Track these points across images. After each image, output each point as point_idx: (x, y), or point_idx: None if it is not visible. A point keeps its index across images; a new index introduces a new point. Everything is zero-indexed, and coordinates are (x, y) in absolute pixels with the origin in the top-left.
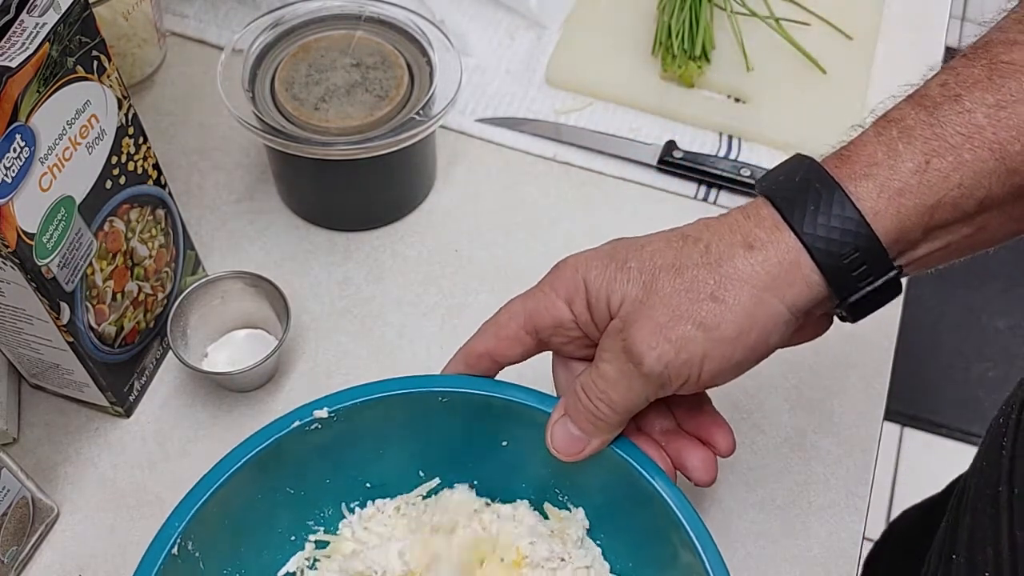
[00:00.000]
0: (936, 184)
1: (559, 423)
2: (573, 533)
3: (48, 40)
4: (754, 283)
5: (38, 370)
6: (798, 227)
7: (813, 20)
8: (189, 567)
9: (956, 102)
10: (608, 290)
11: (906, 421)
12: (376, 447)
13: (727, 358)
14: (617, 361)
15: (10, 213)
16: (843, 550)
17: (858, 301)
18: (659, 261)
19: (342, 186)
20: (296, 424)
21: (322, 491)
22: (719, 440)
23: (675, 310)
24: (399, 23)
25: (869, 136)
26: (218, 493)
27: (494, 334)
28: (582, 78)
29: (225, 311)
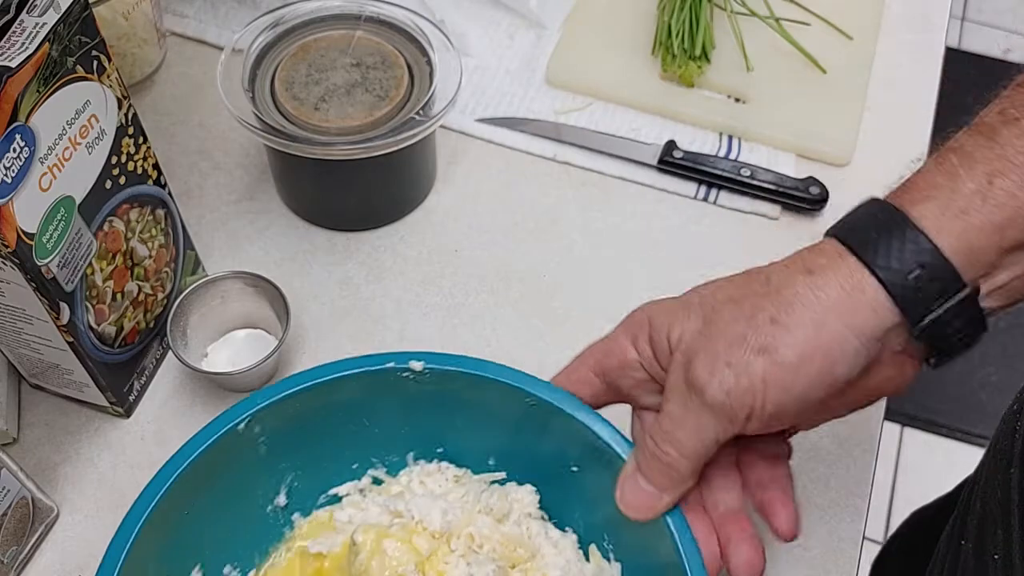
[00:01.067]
0: (1002, 202)
1: (630, 477)
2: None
3: (48, 40)
4: (815, 306)
5: (38, 370)
6: (860, 251)
7: (813, 20)
8: (249, 444)
9: (1015, 125)
10: (669, 325)
11: (906, 421)
12: (457, 419)
13: (790, 385)
14: (681, 397)
15: (10, 213)
16: (843, 550)
17: (934, 329)
18: (720, 295)
19: (342, 186)
20: (390, 365)
21: (395, 437)
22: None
23: (734, 336)
24: (399, 23)
25: (929, 166)
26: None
27: (566, 375)
28: (582, 78)
29: (225, 311)
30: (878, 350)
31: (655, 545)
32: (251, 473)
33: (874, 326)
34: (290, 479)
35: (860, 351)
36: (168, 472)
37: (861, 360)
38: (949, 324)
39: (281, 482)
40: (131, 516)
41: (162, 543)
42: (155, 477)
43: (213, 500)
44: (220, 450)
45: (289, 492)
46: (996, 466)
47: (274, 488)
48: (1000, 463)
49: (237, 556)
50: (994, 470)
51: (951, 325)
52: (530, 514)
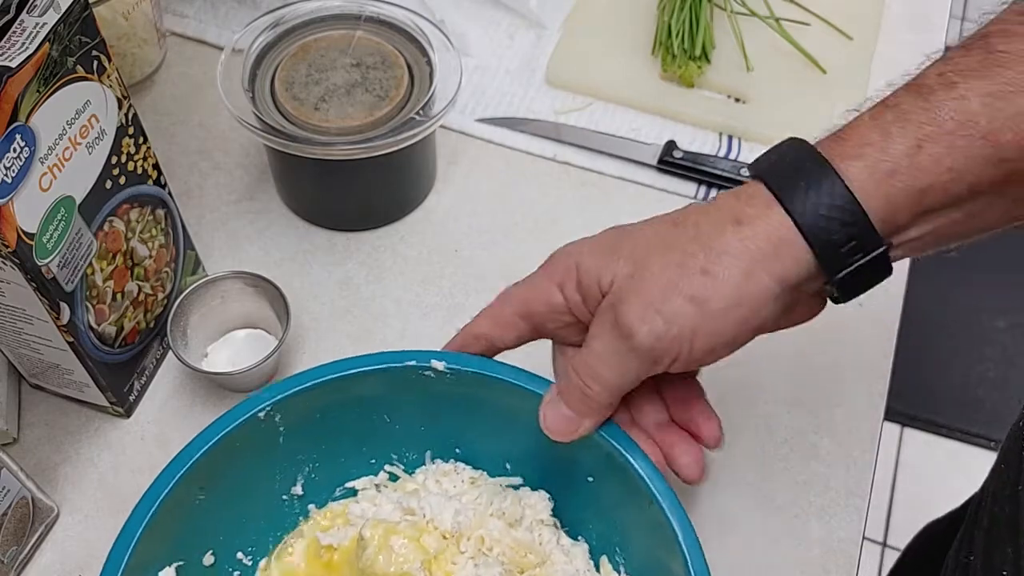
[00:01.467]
0: (928, 167)
1: (552, 402)
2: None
3: (48, 40)
4: (744, 257)
5: (38, 370)
6: (788, 203)
7: (813, 20)
8: (268, 432)
9: (952, 89)
10: (599, 271)
11: (906, 421)
12: (476, 421)
13: (718, 333)
14: (608, 337)
15: (10, 213)
16: (843, 550)
17: (848, 279)
18: (650, 242)
19: (342, 186)
20: (411, 363)
21: (413, 435)
22: (705, 432)
23: (666, 285)
24: (399, 23)
25: (864, 119)
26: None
27: (490, 318)
28: (582, 78)
29: (225, 311)
30: (796, 295)
31: (667, 563)
32: (269, 461)
33: (796, 275)
34: (307, 470)
35: (781, 297)
36: (188, 455)
37: (781, 306)
38: (860, 274)
39: (298, 472)
40: (149, 495)
41: (178, 525)
42: (175, 459)
43: (230, 486)
44: (240, 436)
45: (306, 483)
46: (1004, 482)
47: (291, 478)
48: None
49: (251, 542)
50: (1001, 486)
51: (862, 275)
52: (543, 520)
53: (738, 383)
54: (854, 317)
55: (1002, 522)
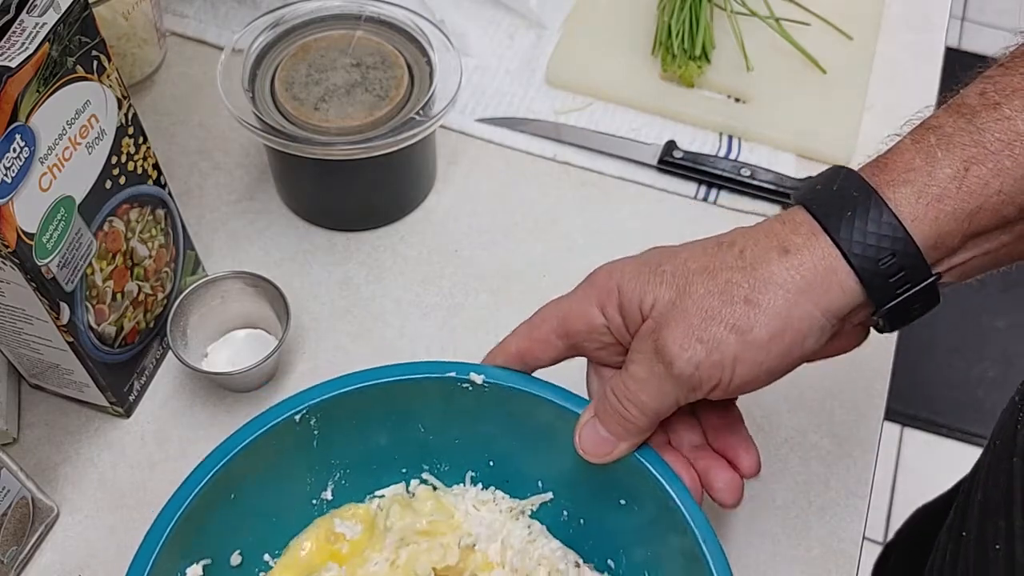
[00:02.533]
0: (976, 190)
1: (588, 424)
2: None
3: (48, 40)
4: (789, 287)
5: (38, 370)
6: (835, 232)
7: (813, 20)
8: (303, 435)
9: (995, 110)
10: (641, 293)
11: (906, 421)
12: (510, 437)
13: (759, 363)
14: (648, 363)
15: (10, 213)
16: (843, 550)
17: (895, 309)
18: (693, 265)
19: (342, 186)
20: (451, 375)
21: (448, 447)
22: (743, 460)
23: (708, 312)
24: (399, 23)
25: (906, 144)
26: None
27: (527, 335)
28: (582, 78)
29: (225, 311)
30: (841, 325)
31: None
32: (301, 464)
33: (843, 306)
34: (339, 476)
35: (826, 328)
36: (221, 453)
37: (826, 336)
38: (908, 304)
39: (329, 478)
40: (182, 491)
41: (207, 523)
42: (209, 456)
43: (261, 487)
44: (274, 438)
45: (336, 488)
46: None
47: (322, 482)
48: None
49: (279, 544)
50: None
51: (910, 305)
52: (559, 569)
53: None
54: None
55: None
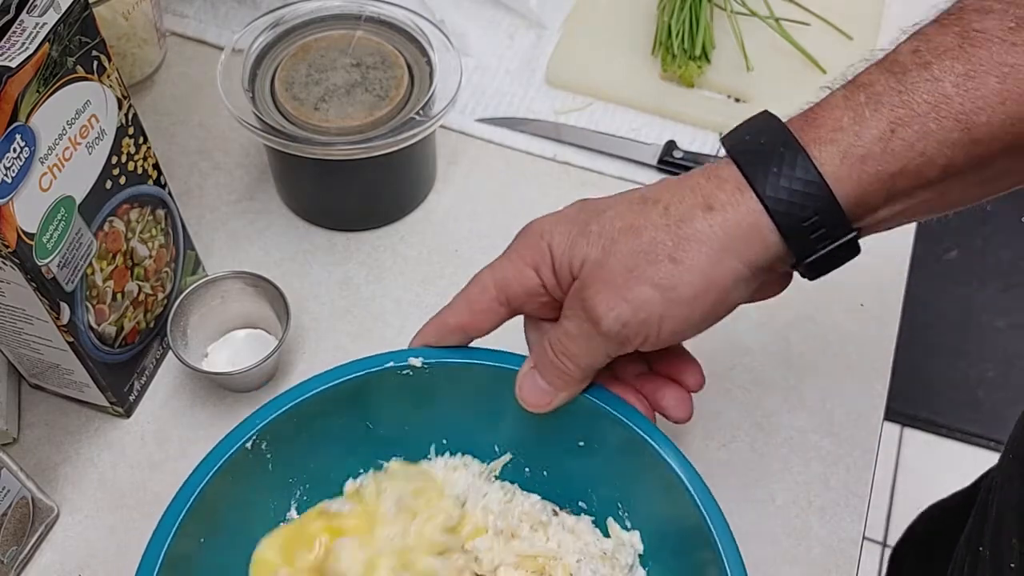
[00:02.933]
0: (900, 152)
1: (528, 375)
2: (623, 559)
3: (48, 40)
4: (712, 244)
5: (38, 370)
6: (760, 189)
7: (813, 20)
8: (258, 462)
9: (925, 69)
10: (571, 254)
11: (906, 421)
12: (460, 411)
13: (685, 318)
14: (578, 320)
15: (10, 213)
16: (843, 550)
17: (815, 262)
18: (619, 223)
19: (342, 186)
20: (390, 365)
21: (398, 435)
22: (688, 377)
23: (632, 271)
24: (399, 23)
25: (837, 100)
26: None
27: (467, 308)
28: (582, 78)
29: (225, 311)
30: (764, 276)
31: (671, 508)
32: (262, 492)
33: (765, 259)
34: (299, 493)
35: (750, 280)
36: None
37: (750, 288)
38: (830, 257)
39: (291, 497)
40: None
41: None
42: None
43: (227, 524)
44: (232, 470)
45: (299, 505)
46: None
47: (285, 504)
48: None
49: None
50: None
51: (831, 257)
52: (543, 521)
53: (739, 383)
54: (854, 317)
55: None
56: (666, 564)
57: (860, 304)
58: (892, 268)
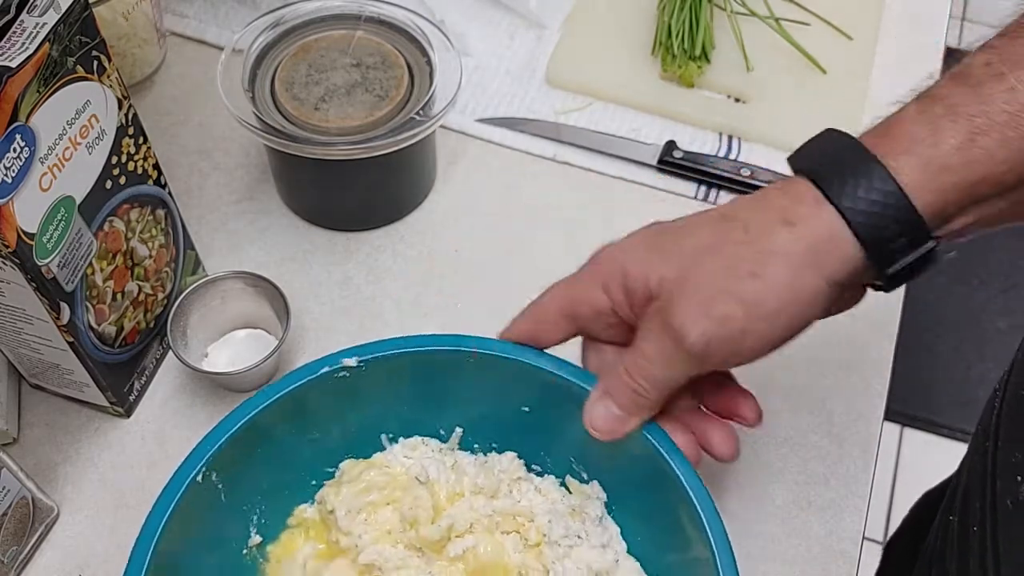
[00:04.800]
0: (980, 161)
1: (599, 402)
2: (592, 512)
3: (48, 40)
4: (793, 259)
5: (38, 370)
6: (838, 202)
7: (813, 20)
8: (210, 494)
9: (1000, 80)
10: (647, 273)
11: (906, 421)
12: (401, 402)
13: (766, 334)
14: (658, 340)
15: (10, 213)
16: (843, 550)
17: (895, 273)
18: (698, 242)
19: (342, 186)
20: (325, 370)
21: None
22: (745, 411)
23: (716, 288)
24: (399, 23)
25: (910, 114)
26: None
27: (534, 318)
28: (582, 78)
29: (225, 311)
30: (842, 291)
31: (626, 453)
32: (220, 522)
33: (846, 273)
34: (256, 517)
35: (830, 296)
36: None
37: (829, 302)
38: (910, 268)
39: (249, 522)
40: None
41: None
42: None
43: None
44: (187, 506)
45: (259, 529)
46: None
47: (244, 529)
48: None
49: None
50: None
51: (911, 268)
52: (519, 478)
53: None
54: (854, 317)
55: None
56: (634, 509)
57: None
58: None
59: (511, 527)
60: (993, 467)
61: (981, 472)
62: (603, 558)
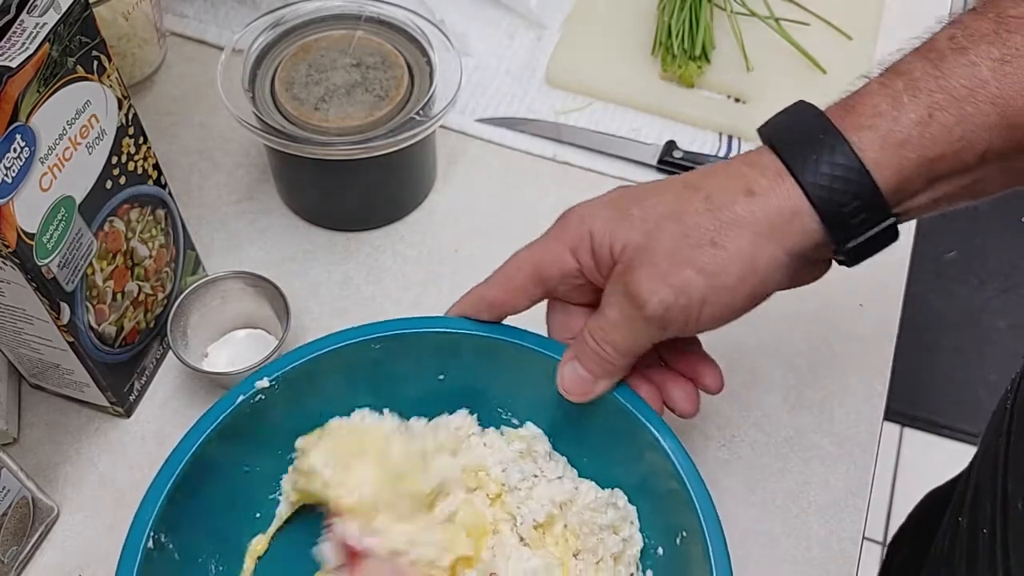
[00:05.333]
0: (939, 137)
1: (568, 365)
2: (541, 448)
3: (48, 40)
4: (754, 229)
5: (38, 370)
6: (800, 175)
7: (813, 20)
8: (164, 558)
9: (962, 55)
10: (611, 238)
11: (906, 421)
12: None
13: (726, 304)
14: (620, 306)
15: (10, 213)
16: (843, 550)
17: (855, 248)
18: (661, 209)
19: (342, 186)
20: (239, 400)
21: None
22: (707, 378)
23: (676, 256)
24: (399, 23)
25: (874, 87)
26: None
27: (502, 285)
28: (582, 78)
29: (225, 311)
30: (803, 262)
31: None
32: None
33: (805, 245)
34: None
35: (789, 266)
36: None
37: (789, 274)
38: (869, 243)
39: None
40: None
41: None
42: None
43: None
44: None
45: None
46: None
47: None
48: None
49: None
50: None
51: (870, 243)
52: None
53: (739, 383)
54: (854, 317)
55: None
56: (579, 441)
57: (860, 304)
58: (891, 268)
59: (473, 483)
60: (1005, 467)
61: (991, 472)
62: (562, 488)
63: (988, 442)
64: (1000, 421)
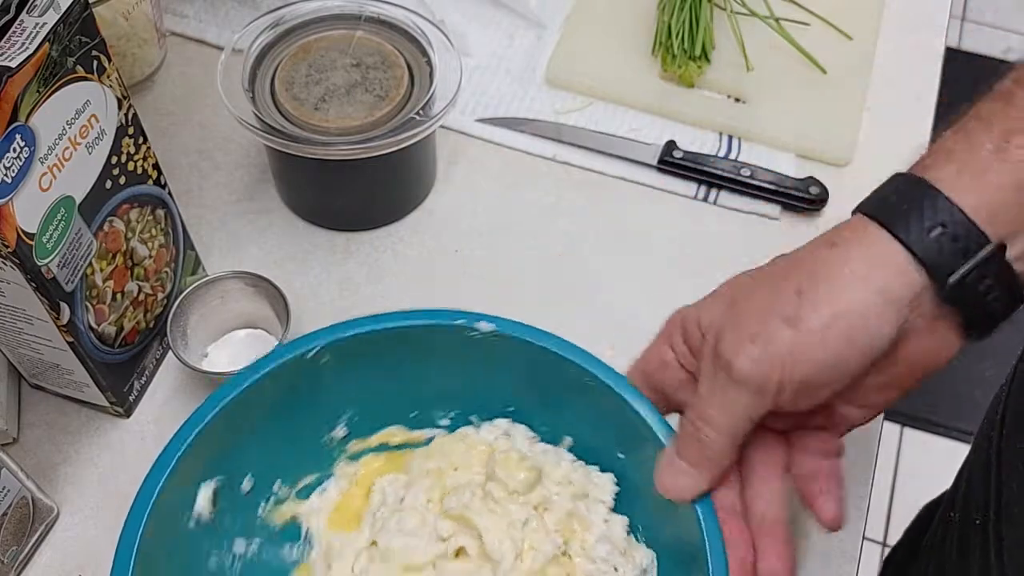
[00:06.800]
0: (1021, 160)
1: (667, 461)
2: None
3: (48, 40)
4: (839, 273)
5: (38, 370)
6: (881, 219)
7: (813, 20)
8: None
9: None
10: (699, 315)
11: (906, 421)
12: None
13: (817, 357)
14: (712, 378)
15: (10, 213)
16: (843, 550)
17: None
18: (746, 279)
19: (342, 186)
20: (459, 322)
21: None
22: (824, 512)
23: (759, 311)
24: (399, 23)
25: (947, 135)
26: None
27: None
28: (582, 78)
29: (225, 311)
30: (908, 315)
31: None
32: (312, 402)
33: (900, 288)
34: (349, 415)
35: (886, 315)
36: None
37: (890, 326)
38: (978, 284)
39: (340, 416)
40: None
41: (222, 446)
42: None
43: (271, 421)
44: (286, 373)
45: (349, 427)
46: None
47: (331, 421)
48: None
49: (288, 473)
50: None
51: (980, 285)
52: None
53: None
54: None
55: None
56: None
57: None
58: None
59: None
60: (998, 456)
61: (984, 463)
62: None
63: (980, 439)
64: (993, 416)
